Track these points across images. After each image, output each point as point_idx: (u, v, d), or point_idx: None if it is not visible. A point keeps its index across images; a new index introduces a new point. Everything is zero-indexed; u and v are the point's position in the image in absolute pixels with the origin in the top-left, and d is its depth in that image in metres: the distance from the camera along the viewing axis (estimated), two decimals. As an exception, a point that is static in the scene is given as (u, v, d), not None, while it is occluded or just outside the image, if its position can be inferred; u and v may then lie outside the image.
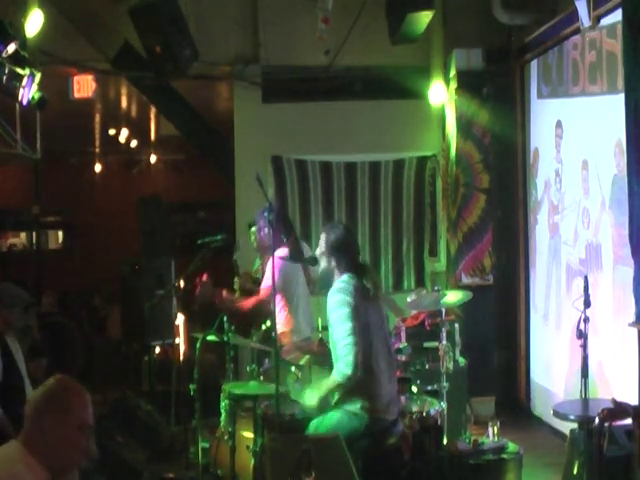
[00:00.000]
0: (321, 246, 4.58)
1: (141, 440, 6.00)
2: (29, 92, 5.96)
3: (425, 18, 6.43)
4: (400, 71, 8.09)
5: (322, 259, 4.56)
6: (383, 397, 4.36)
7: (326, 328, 4.71)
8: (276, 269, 4.74)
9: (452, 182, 7.98)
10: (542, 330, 7.46)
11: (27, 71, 5.82)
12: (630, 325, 5.35)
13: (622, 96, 5.36)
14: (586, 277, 4.85)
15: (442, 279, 8.13)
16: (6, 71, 5.59)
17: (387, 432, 4.39)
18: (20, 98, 5.96)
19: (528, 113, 7.72)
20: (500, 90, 7.79)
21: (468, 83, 7.71)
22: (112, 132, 12.80)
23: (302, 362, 4.97)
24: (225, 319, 4.86)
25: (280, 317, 5.62)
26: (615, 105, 5.58)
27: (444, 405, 5.01)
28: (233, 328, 4.94)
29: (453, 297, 5.38)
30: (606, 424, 3.79)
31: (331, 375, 4.31)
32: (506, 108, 7.81)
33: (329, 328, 4.43)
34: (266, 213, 4.87)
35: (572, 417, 4.52)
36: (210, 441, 5.22)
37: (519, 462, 5.07)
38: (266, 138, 8.21)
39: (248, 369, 5.03)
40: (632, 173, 5.19)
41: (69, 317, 10.86)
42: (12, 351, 5.05)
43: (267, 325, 5.59)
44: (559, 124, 6.97)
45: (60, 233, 16.53)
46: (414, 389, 5.24)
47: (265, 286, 5.53)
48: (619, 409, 3.83)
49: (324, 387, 4.36)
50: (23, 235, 16.17)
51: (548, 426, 6.94)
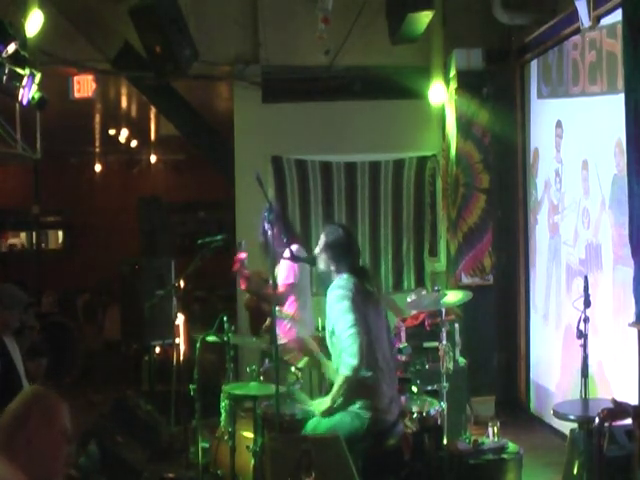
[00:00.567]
0: (320, 247, 4.58)
1: (141, 440, 5.99)
2: (29, 92, 5.95)
3: (425, 18, 6.43)
4: (400, 71, 8.09)
5: (321, 260, 4.56)
6: (384, 396, 4.36)
7: (325, 328, 4.71)
8: (291, 267, 5.13)
9: (452, 182, 7.98)
10: (542, 330, 7.46)
11: (27, 71, 5.81)
12: (630, 325, 5.35)
13: (622, 96, 5.36)
14: (586, 277, 4.85)
15: (442, 279, 8.13)
16: (6, 71, 5.59)
17: (387, 433, 4.40)
18: (20, 98, 5.96)
19: (528, 113, 7.72)
20: (500, 90, 7.79)
21: (468, 83, 7.71)
22: (112, 132, 12.80)
23: (301, 364, 4.98)
24: (225, 319, 4.86)
25: (290, 312, 5.80)
26: (615, 105, 5.58)
27: (444, 405, 5.01)
28: (233, 328, 4.94)
29: (453, 297, 5.38)
30: (606, 424, 3.79)
31: (338, 374, 4.31)
32: (506, 108, 7.81)
33: (327, 325, 4.43)
34: (266, 213, 4.88)
35: (572, 417, 4.52)
36: (210, 441, 5.23)
37: (519, 462, 5.06)
38: (266, 138, 8.21)
39: (248, 369, 5.03)
40: (632, 173, 5.19)
41: (69, 317, 10.86)
42: (10, 351, 5.05)
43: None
44: (559, 124, 6.97)
45: (60, 233, 16.53)
46: (414, 389, 5.24)
47: (284, 283, 5.70)
48: (619, 409, 3.83)
49: (332, 390, 4.36)
50: (23, 235, 16.17)
51: (548, 426, 6.94)
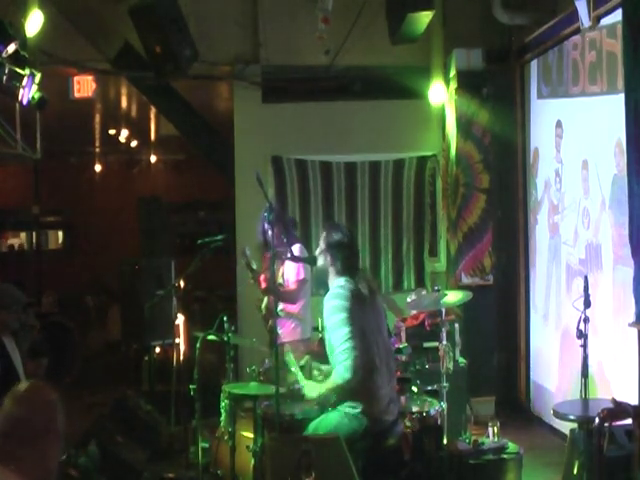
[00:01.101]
0: (320, 245, 4.58)
1: (141, 440, 6.00)
2: (29, 92, 5.95)
3: (425, 18, 6.43)
4: (400, 71, 8.09)
5: (320, 258, 4.56)
6: (382, 399, 4.36)
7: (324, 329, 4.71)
8: (300, 264, 5.45)
9: (452, 182, 7.98)
10: (542, 330, 7.46)
11: (27, 71, 5.81)
12: (630, 325, 5.35)
13: (622, 96, 5.35)
14: (586, 277, 4.85)
15: (442, 279, 8.13)
16: (6, 71, 5.58)
17: (387, 432, 4.39)
18: (20, 98, 5.95)
19: (528, 113, 7.72)
20: (500, 90, 7.79)
21: (468, 83, 7.71)
22: (112, 132, 12.81)
23: (302, 362, 4.97)
24: (225, 319, 4.86)
25: (294, 311, 5.86)
26: (615, 105, 5.58)
27: (444, 405, 5.01)
28: (233, 328, 4.94)
29: (453, 297, 5.38)
30: (606, 424, 3.79)
31: (331, 377, 4.31)
32: (506, 108, 7.81)
33: (324, 333, 4.43)
34: (266, 213, 4.89)
35: (572, 417, 4.52)
36: (210, 441, 5.23)
37: (519, 462, 5.07)
38: (266, 138, 8.21)
39: (248, 369, 5.03)
40: (632, 173, 5.19)
41: (69, 317, 10.86)
42: (10, 352, 5.05)
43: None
44: (559, 124, 6.97)
45: (60, 233, 16.54)
46: (414, 389, 5.24)
47: (295, 279, 5.79)
48: (619, 409, 3.83)
49: (324, 386, 4.36)
50: (23, 235, 16.17)
51: (548, 426, 6.94)
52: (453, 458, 4.97)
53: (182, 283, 6.47)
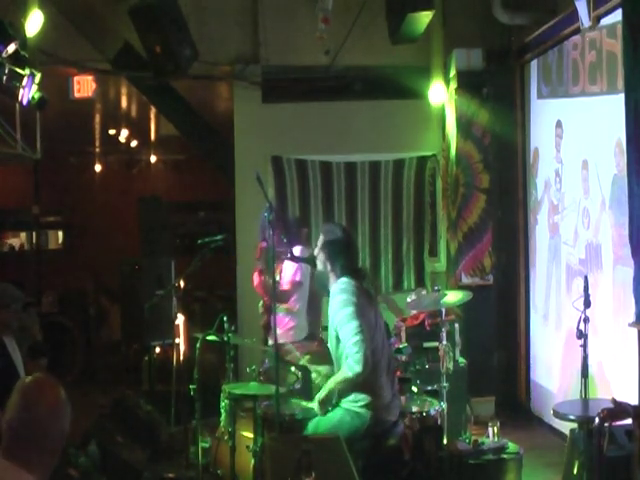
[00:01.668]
0: (319, 247, 4.58)
1: (141, 440, 5.99)
2: (29, 92, 5.95)
3: (425, 18, 6.43)
4: (400, 71, 8.09)
5: (318, 260, 4.55)
6: (384, 397, 4.36)
7: (326, 328, 4.70)
8: (299, 267, 5.49)
9: (452, 182, 7.98)
10: (542, 330, 7.46)
11: (27, 71, 5.81)
12: (630, 325, 5.35)
13: (622, 96, 5.35)
14: (586, 277, 4.84)
15: (442, 279, 8.13)
16: (6, 71, 5.58)
17: (388, 432, 4.39)
18: (20, 98, 5.95)
19: (528, 113, 7.72)
20: (500, 90, 7.79)
21: (468, 83, 7.71)
22: (112, 132, 12.80)
23: (302, 362, 4.98)
24: (225, 319, 4.86)
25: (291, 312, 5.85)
26: (615, 105, 5.58)
27: (444, 405, 5.01)
28: (233, 328, 4.94)
29: (453, 297, 5.39)
30: (606, 424, 3.79)
31: (341, 370, 4.30)
32: (506, 108, 7.81)
33: (330, 329, 4.42)
34: (266, 213, 4.88)
35: (572, 417, 4.52)
36: (210, 441, 5.23)
37: (519, 462, 5.07)
38: (266, 138, 8.21)
39: (248, 369, 5.03)
40: (632, 173, 5.19)
41: (69, 317, 10.86)
42: (10, 352, 5.05)
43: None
44: (559, 124, 6.97)
45: (60, 233, 16.53)
46: (414, 389, 5.24)
47: (290, 279, 5.78)
48: (619, 409, 3.83)
49: (332, 381, 4.35)
50: (23, 235, 16.16)
51: (548, 426, 6.94)
52: (453, 458, 4.97)
53: (182, 283, 6.48)
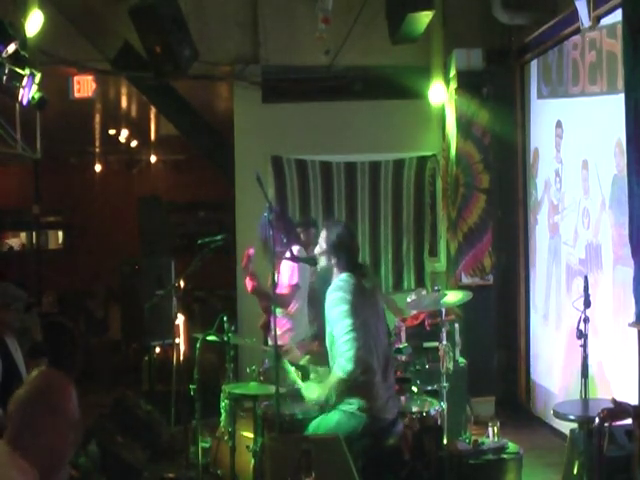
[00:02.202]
0: (321, 244, 4.57)
1: (141, 440, 6.00)
2: (29, 92, 5.95)
3: (425, 18, 6.43)
4: (400, 71, 8.09)
5: (322, 257, 4.55)
6: (380, 396, 4.35)
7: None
8: (294, 268, 5.40)
9: (452, 182, 7.98)
10: (542, 330, 7.46)
11: (27, 71, 5.81)
12: (630, 325, 5.35)
13: (622, 96, 5.35)
14: (586, 277, 4.84)
15: (442, 279, 8.13)
16: (6, 71, 5.59)
17: (386, 431, 4.38)
18: (20, 98, 5.96)
19: (528, 113, 7.72)
20: (500, 90, 7.79)
21: (468, 83, 7.71)
22: (112, 132, 12.80)
23: (302, 362, 4.97)
24: (225, 319, 4.86)
25: (289, 314, 5.79)
26: (615, 105, 5.58)
27: (444, 405, 5.01)
28: (233, 328, 4.94)
29: (453, 297, 5.38)
30: (606, 424, 3.79)
31: (332, 372, 4.30)
32: (506, 108, 7.81)
33: (327, 326, 4.42)
34: (266, 213, 4.88)
35: (572, 417, 4.51)
36: (210, 441, 5.23)
37: (519, 462, 5.07)
38: (266, 138, 8.21)
39: (248, 369, 5.03)
40: (632, 173, 5.19)
41: (69, 317, 10.86)
42: (11, 352, 5.06)
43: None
44: (559, 124, 6.97)
45: (60, 233, 16.53)
46: (414, 389, 5.24)
47: (287, 283, 5.69)
48: (619, 409, 3.83)
49: (325, 385, 4.35)
50: (23, 235, 16.17)
51: (548, 426, 6.94)
52: (453, 458, 4.96)
53: (182, 283, 6.48)
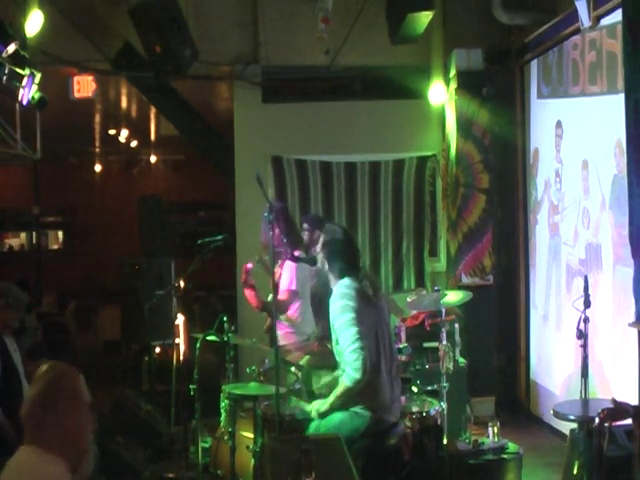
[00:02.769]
0: (318, 247, 4.58)
1: (141, 440, 6.00)
2: (29, 92, 5.96)
3: (425, 18, 6.43)
4: (400, 71, 8.09)
5: (319, 260, 4.56)
6: (385, 399, 4.35)
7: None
8: (293, 273, 5.33)
9: (452, 182, 7.98)
10: (542, 330, 7.46)
11: (27, 71, 5.82)
12: (630, 325, 5.35)
13: (622, 96, 5.35)
14: (586, 277, 4.84)
15: (442, 279, 8.13)
16: (6, 71, 5.59)
17: (388, 432, 4.39)
18: (20, 98, 5.96)
19: (528, 113, 7.72)
20: (500, 90, 7.79)
21: (468, 83, 7.71)
22: (112, 132, 12.81)
23: (302, 362, 4.97)
24: (225, 319, 4.86)
25: (291, 316, 5.74)
26: (615, 105, 5.58)
27: (444, 405, 5.01)
28: (233, 328, 4.94)
29: (453, 297, 5.38)
30: (606, 424, 3.79)
31: (340, 381, 4.30)
32: (506, 108, 7.81)
33: (332, 332, 4.41)
34: (266, 213, 4.88)
35: (572, 417, 4.51)
36: (210, 441, 5.22)
37: (519, 462, 5.07)
38: (266, 138, 8.21)
39: (248, 369, 5.03)
40: (632, 173, 5.19)
41: (68, 317, 10.87)
42: (11, 352, 5.06)
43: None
44: (559, 124, 6.97)
45: (60, 233, 16.55)
46: (414, 389, 5.24)
47: (285, 288, 5.61)
48: (619, 409, 3.83)
49: (333, 395, 4.34)
50: (23, 235, 16.18)
51: (548, 426, 6.94)
52: (453, 458, 4.97)
53: (182, 283, 6.47)
